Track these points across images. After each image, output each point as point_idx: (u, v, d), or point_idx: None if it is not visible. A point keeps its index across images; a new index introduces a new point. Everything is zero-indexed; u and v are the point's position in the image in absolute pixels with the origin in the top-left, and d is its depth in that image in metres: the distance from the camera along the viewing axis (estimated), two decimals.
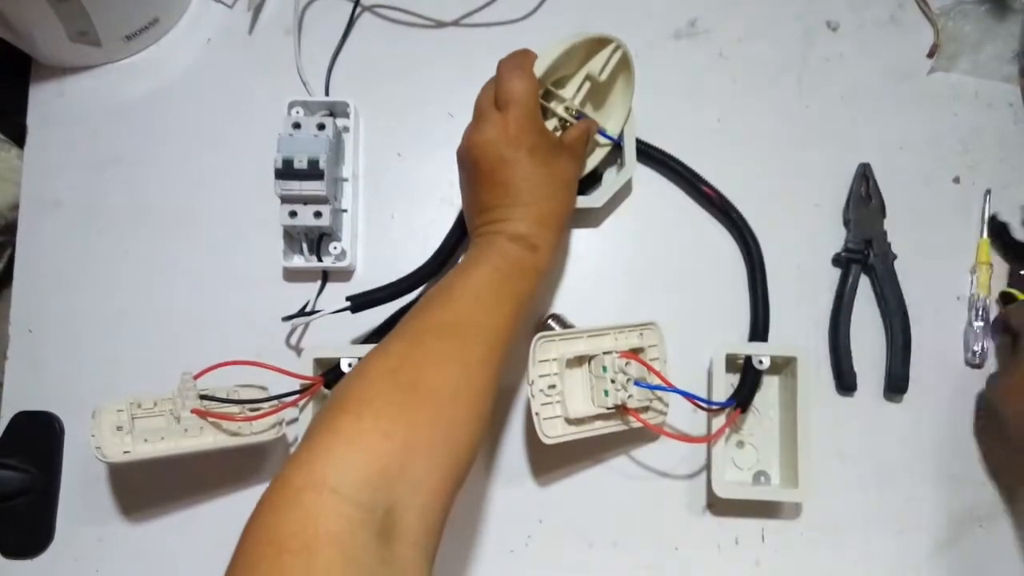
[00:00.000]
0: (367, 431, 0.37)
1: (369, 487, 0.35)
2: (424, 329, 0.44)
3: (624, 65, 0.55)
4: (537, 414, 0.50)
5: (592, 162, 0.58)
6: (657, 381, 0.53)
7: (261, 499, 0.35)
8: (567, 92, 0.53)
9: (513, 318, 0.46)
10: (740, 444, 0.58)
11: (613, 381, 0.51)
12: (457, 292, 0.46)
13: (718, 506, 0.57)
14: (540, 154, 0.48)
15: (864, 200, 0.61)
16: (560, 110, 0.53)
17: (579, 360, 0.53)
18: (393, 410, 0.38)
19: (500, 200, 0.49)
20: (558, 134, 0.53)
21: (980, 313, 0.59)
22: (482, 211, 0.50)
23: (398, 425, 0.38)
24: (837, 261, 0.61)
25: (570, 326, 0.57)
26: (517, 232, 0.48)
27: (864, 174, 0.61)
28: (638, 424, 0.53)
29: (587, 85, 0.54)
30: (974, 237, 0.61)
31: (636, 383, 0.52)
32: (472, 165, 0.49)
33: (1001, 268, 0.61)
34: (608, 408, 0.52)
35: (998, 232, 0.61)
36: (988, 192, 0.61)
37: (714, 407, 0.55)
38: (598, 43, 0.53)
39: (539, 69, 0.50)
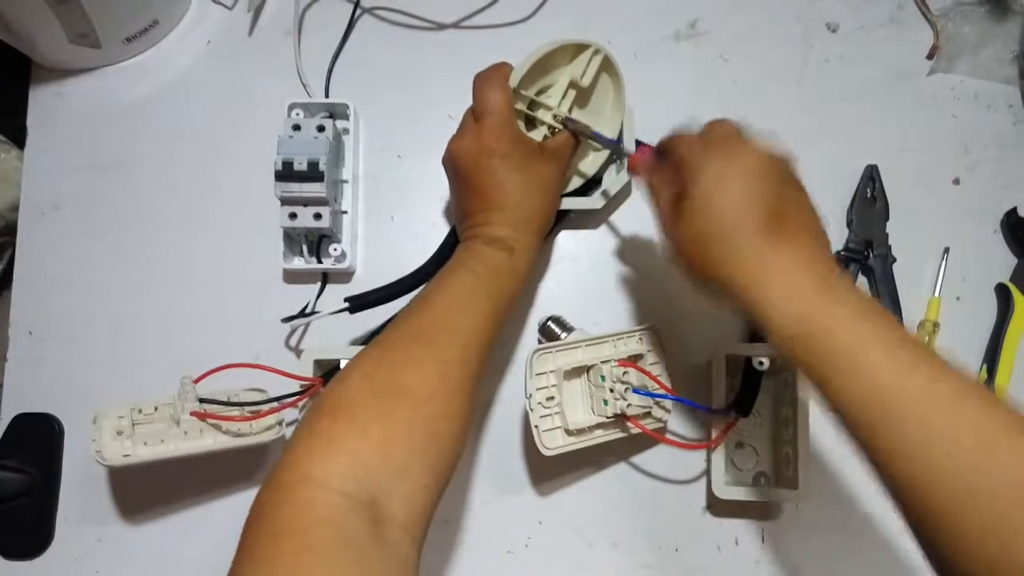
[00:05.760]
0: (344, 431, 0.39)
1: (353, 480, 0.37)
2: (400, 334, 0.45)
3: (608, 68, 0.55)
4: (536, 427, 0.50)
5: (592, 166, 0.58)
6: (657, 387, 0.53)
7: (254, 501, 0.37)
8: (552, 100, 0.54)
9: (491, 318, 0.47)
10: (739, 445, 0.58)
11: (612, 390, 0.51)
12: (433, 297, 0.47)
13: (718, 507, 0.58)
14: (514, 160, 0.50)
15: (869, 201, 0.61)
16: (547, 118, 0.54)
17: (577, 370, 0.53)
18: (369, 410, 0.40)
19: (478, 206, 0.51)
20: (545, 137, 0.54)
21: None
22: (464, 217, 0.52)
23: (375, 423, 0.39)
24: (836, 260, 0.61)
25: (570, 328, 0.57)
26: (494, 236, 0.50)
27: (871, 176, 0.61)
28: (638, 431, 0.53)
29: (572, 92, 0.54)
30: (974, 239, 0.62)
31: (635, 391, 0.52)
32: (452, 173, 0.52)
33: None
34: (608, 417, 0.52)
35: (1013, 227, 0.61)
36: (947, 250, 0.61)
37: (716, 413, 0.55)
38: (576, 49, 0.53)
39: (513, 80, 0.50)
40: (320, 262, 0.59)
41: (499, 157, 0.50)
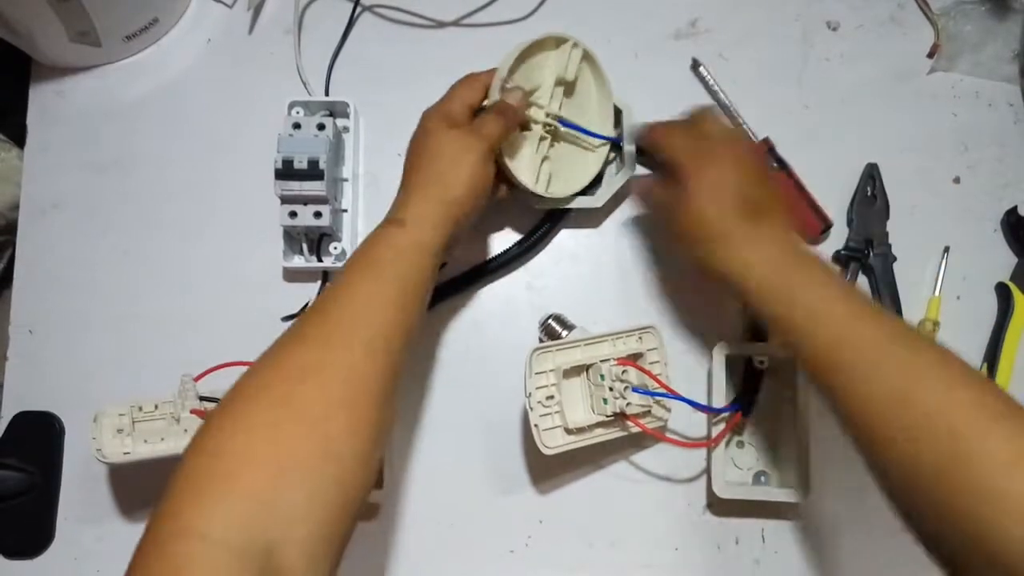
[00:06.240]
0: (229, 470, 0.34)
1: (241, 528, 0.32)
2: (293, 339, 0.41)
3: (589, 62, 0.56)
4: (536, 426, 0.50)
5: (593, 166, 0.58)
6: (656, 386, 0.53)
7: (133, 554, 0.33)
8: (543, 100, 0.54)
9: (398, 305, 0.43)
10: (740, 444, 0.58)
11: (611, 389, 0.51)
12: (332, 291, 0.43)
13: (718, 506, 0.58)
14: (435, 134, 0.49)
15: (869, 200, 0.61)
16: (540, 116, 0.54)
17: (576, 369, 0.53)
18: (258, 439, 0.35)
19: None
20: (542, 137, 0.55)
21: None
22: None
23: (264, 455, 0.35)
24: (837, 258, 0.61)
25: (571, 326, 0.57)
26: (392, 215, 0.48)
27: (871, 174, 0.61)
28: (638, 429, 0.53)
29: (560, 89, 0.55)
30: (974, 238, 0.61)
31: (634, 390, 0.52)
32: None
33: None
34: (608, 416, 0.52)
35: (1013, 226, 0.61)
36: (947, 249, 0.61)
37: (716, 412, 0.55)
38: (555, 44, 0.54)
39: (501, 74, 0.51)
40: (320, 260, 0.59)
41: (418, 140, 0.50)
